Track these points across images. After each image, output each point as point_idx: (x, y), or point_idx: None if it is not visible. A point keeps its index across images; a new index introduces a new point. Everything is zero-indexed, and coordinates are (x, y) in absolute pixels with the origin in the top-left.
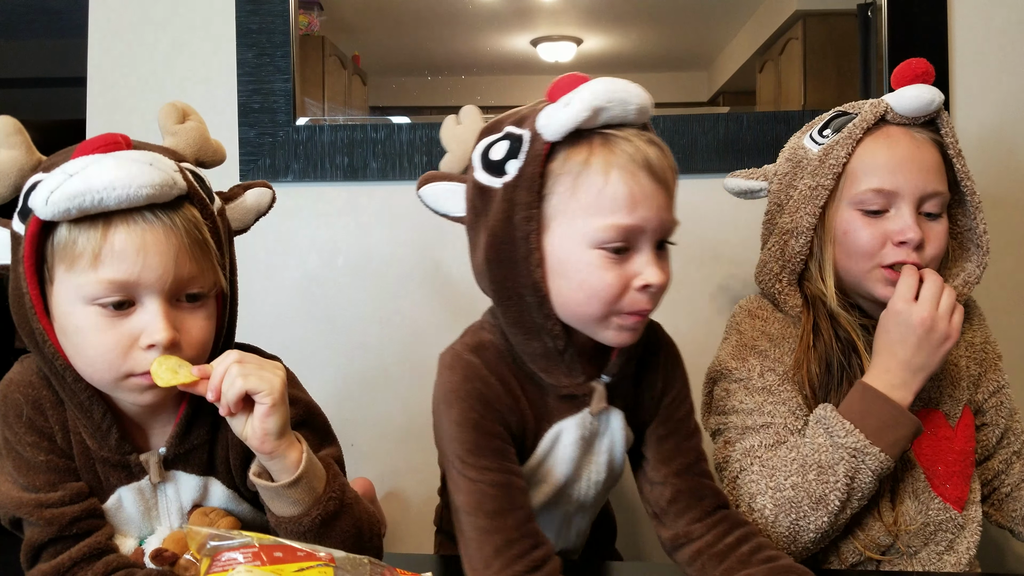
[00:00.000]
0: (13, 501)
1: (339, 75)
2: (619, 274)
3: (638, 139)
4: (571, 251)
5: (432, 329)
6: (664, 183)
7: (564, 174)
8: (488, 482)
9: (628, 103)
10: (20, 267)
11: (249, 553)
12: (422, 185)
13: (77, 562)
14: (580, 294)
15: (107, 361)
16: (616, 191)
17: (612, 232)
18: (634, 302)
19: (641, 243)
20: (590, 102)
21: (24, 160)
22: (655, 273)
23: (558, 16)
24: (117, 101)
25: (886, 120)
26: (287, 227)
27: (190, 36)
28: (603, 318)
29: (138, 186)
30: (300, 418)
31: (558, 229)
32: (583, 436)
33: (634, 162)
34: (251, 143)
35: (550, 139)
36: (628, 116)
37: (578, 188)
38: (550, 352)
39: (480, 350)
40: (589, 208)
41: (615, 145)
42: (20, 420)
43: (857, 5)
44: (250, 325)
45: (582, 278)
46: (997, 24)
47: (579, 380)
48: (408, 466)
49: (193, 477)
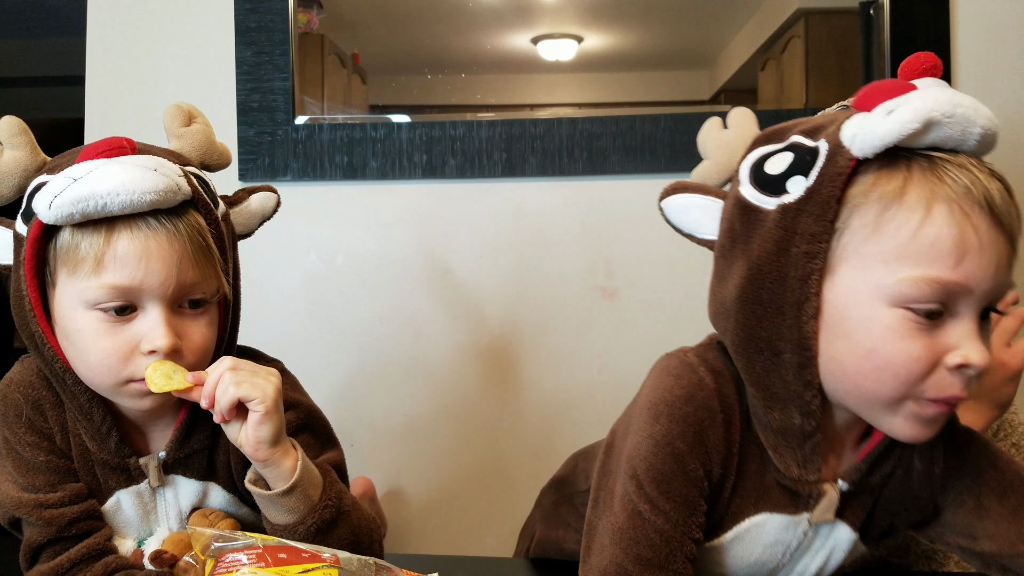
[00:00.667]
0: (13, 501)
1: (339, 73)
2: (928, 346)
3: (978, 169)
4: (862, 307)
5: (432, 329)
6: (1008, 231)
7: (867, 204)
8: (657, 528)
9: (972, 123)
10: (21, 269)
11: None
12: (669, 195)
13: (76, 563)
14: (867, 364)
15: (107, 366)
16: (939, 234)
17: (926, 288)
18: (943, 386)
19: (963, 307)
20: (924, 112)
21: (28, 161)
22: (978, 350)
23: (559, 14)
24: (116, 100)
25: None
26: (286, 226)
27: (189, 34)
28: (895, 402)
29: (142, 192)
30: (301, 422)
31: (848, 275)
32: (787, 543)
33: (970, 197)
34: (250, 142)
35: (859, 154)
36: (968, 142)
37: (883, 224)
38: (792, 431)
39: (719, 375)
40: (896, 253)
41: (945, 173)
42: (20, 420)
43: (859, 3)
44: (249, 325)
45: (873, 344)
46: (999, 22)
47: (812, 477)
48: (408, 466)
49: (192, 482)
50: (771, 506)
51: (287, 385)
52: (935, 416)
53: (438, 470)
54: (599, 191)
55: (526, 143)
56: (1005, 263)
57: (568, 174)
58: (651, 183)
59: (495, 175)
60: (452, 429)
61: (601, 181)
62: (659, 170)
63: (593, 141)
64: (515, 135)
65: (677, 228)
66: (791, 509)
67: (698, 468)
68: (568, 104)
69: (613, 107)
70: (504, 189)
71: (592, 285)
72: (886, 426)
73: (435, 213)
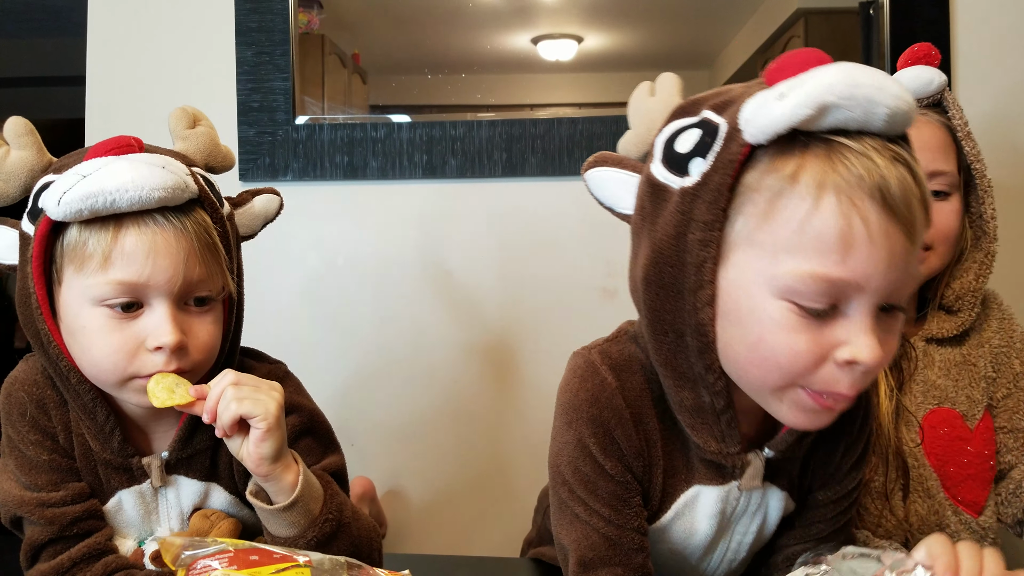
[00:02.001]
0: (15, 499)
1: (339, 73)
2: (814, 340)
3: (879, 154)
4: (752, 296)
5: (432, 328)
6: (905, 223)
7: (760, 191)
8: (595, 527)
9: (876, 103)
10: (28, 267)
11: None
12: (590, 167)
13: (77, 562)
14: (755, 353)
15: (113, 363)
16: (826, 226)
17: (812, 284)
18: (830, 381)
19: (855, 303)
20: (817, 97)
21: (35, 161)
22: (868, 347)
23: (559, 14)
24: (116, 100)
25: None
26: (286, 226)
27: (189, 35)
28: (780, 390)
29: (151, 188)
30: (304, 426)
31: (740, 263)
32: (723, 511)
33: (862, 187)
34: (250, 142)
35: (752, 140)
36: (873, 123)
37: (775, 213)
38: (704, 409)
39: (622, 370)
40: (785, 244)
41: (840, 159)
42: (24, 419)
43: (859, 3)
44: (250, 325)
45: (760, 334)
46: (998, 21)
47: (733, 450)
48: (408, 465)
49: (194, 482)
50: (701, 479)
51: (290, 388)
52: (820, 408)
53: (438, 470)
54: None
55: (526, 143)
56: (901, 257)
57: (568, 174)
58: None
59: (495, 175)
60: (452, 429)
61: None
62: None
63: (593, 141)
64: (515, 135)
65: (600, 201)
66: (719, 480)
67: (616, 465)
68: (568, 104)
69: (613, 107)
70: (504, 189)
71: (592, 285)
72: (774, 411)
73: (435, 213)
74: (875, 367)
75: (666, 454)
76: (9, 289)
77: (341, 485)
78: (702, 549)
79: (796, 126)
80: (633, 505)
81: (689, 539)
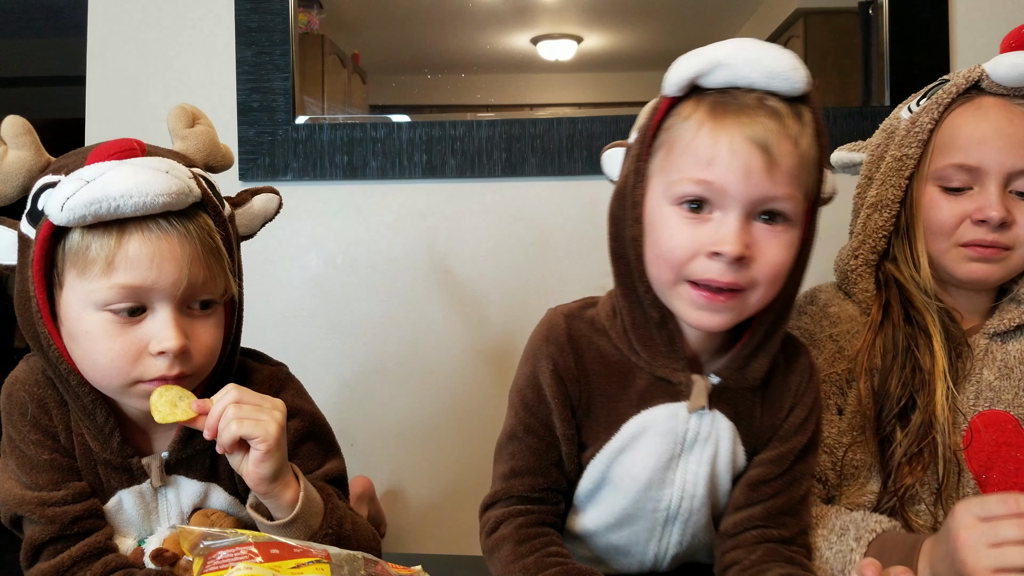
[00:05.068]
0: (16, 498)
1: (339, 73)
2: (691, 236)
3: (753, 103)
4: (657, 207)
5: (432, 327)
6: (765, 149)
7: (668, 131)
8: (530, 445)
9: (759, 64)
10: (29, 271)
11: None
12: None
13: (77, 561)
14: (654, 254)
15: (117, 367)
16: (701, 145)
17: (689, 186)
18: (702, 270)
19: (724, 206)
20: (709, 54)
21: (33, 161)
22: (733, 241)
23: (558, 14)
24: (116, 100)
25: (981, 89)
26: (286, 226)
27: (189, 35)
28: (671, 284)
29: (155, 194)
30: (305, 431)
31: (655, 186)
32: (674, 430)
33: (731, 121)
34: (250, 142)
35: (666, 93)
36: (757, 81)
37: (672, 142)
38: (648, 323)
39: (575, 317)
40: (675, 163)
41: (720, 103)
42: (25, 418)
43: (858, 3)
44: (250, 325)
45: (658, 236)
46: (998, 21)
47: (677, 365)
48: (408, 465)
49: (194, 482)
50: (652, 401)
51: (292, 392)
52: (703, 302)
53: (438, 470)
54: (599, 191)
55: (526, 143)
56: (764, 174)
57: (568, 174)
58: None
59: (495, 175)
60: (452, 429)
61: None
62: None
63: (593, 141)
64: (515, 135)
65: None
66: (669, 399)
67: (557, 393)
68: (568, 104)
69: (613, 107)
70: (504, 189)
71: (592, 285)
72: (678, 312)
73: (435, 213)
74: (736, 258)
75: (609, 384)
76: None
77: (341, 490)
78: (660, 475)
79: (693, 78)
80: (567, 427)
81: (646, 461)
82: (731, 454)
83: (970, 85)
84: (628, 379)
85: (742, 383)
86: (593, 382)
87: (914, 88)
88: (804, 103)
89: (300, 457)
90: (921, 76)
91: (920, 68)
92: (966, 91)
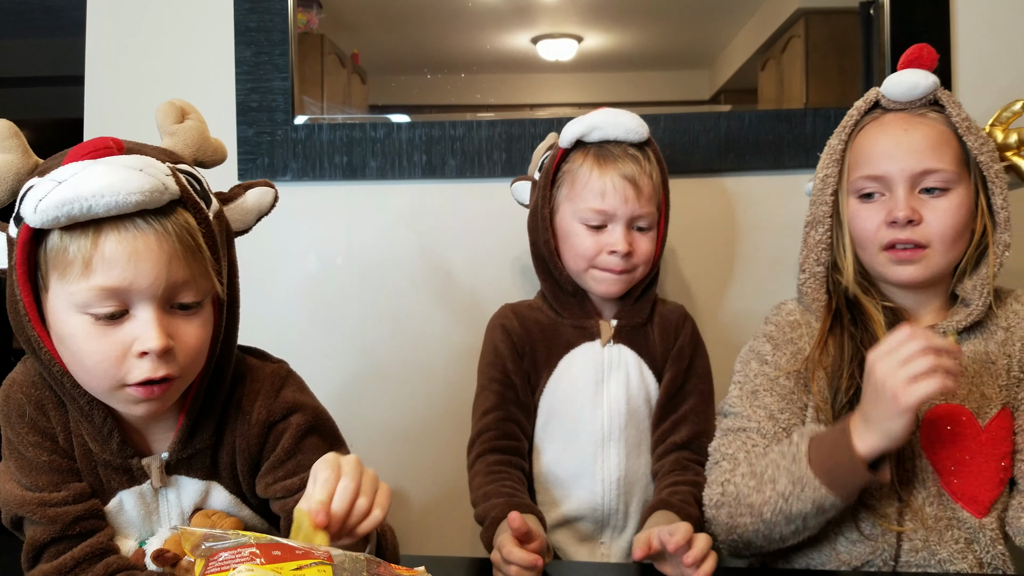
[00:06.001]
0: (16, 500)
1: (338, 73)
2: (596, 241)
3: (620, 152)
4: (569, 224)
5: (432, 328)
6: (633, 183)
7: (568, 172)
8: (494, 391)
9: (618, 125)
10: (13, 274)
11: (247, 552)
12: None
13: (79, 562)
14: (571, 252)
15: (102, 370)
16: (595, 184)
17: (589, 214)
18: (604, 262)
19: (614, 222)
20: (589, 121)
21: (20, 164)
22: (621, 243)
23: (559, 14)
24: (115, 100)
25: (882, 106)
26: (286, 227)
27: (188, 34)
28: (584, 271)
29: (127, 193)
30: (310, 424)
31: (568, 210)
32: (595, 360)
33: (587, 166)
34: (249, 142)
35: (561, 146)
36: (619, 135)
37: (574, 182)
38: (566, 293)
39: (517, 304)
40: (578, 196)
41: (601, 154)
42: (23, 420)
43: (859, 3)
44: (250, 325)
45: (573, 241)
46: (999, 21)
47: (590, 318)
48: (408, 466)
49: (195, 481)
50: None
51: (293, 387)
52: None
53: (438, 471)
54: None
55: (526, 143)
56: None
57: None
58: None
59: (495, 175)
60: (452, 429)
61: None
62: None
63: None
64: (515, 135)
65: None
66: (586, 339)
67: (508, 347)
68: (568, 104)
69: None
70: (504, 189)
71: None
72: (589, 285)
73: (435, 213)
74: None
75: (545, 336)
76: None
77: None
78: (590, 398)
79: (578, 138)
80: (516, 371)
81: (578, 385)
82: (640, 378)
83: (870, 106)
84: (558, 332)
85: (634, 321)
86: (534, 337)
87: None
88: (648, 146)
89: (304, 451)
90: None
91: None
92: (871, 110)
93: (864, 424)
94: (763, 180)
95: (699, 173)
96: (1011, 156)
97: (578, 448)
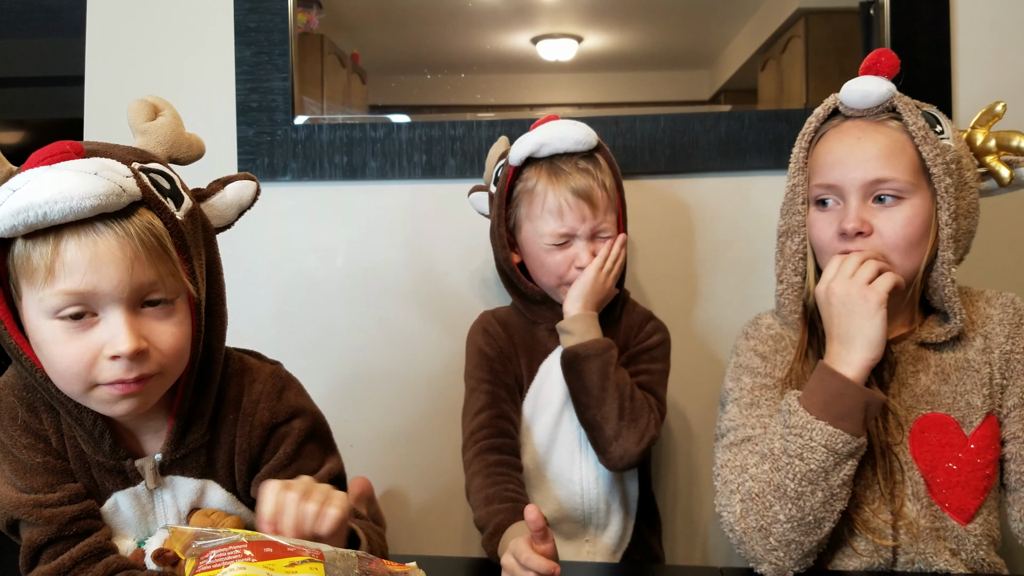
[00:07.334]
0: (11, 502)
1: (338, 73)
2: (564, 256)
3: (572, 167)
4: (534, 243)
5: (431, 329)
6: (588, 198)
7: (522, 191)
8: (483, 391)
9: (566, 138)
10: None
11: (238, 550)
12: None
13: (78, 562)
14: (540, 269)
15: (74, 373)
16: (552, 204)
17: (551, 237)
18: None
19: (576, 236)
20: (536, 138)
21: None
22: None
23: (559, 14)
24: (115, 100)
25: (841, 114)
26: (285, 227)
27: (188, 34)
28: (556, 285)
29: (80, 198)
30: (310, 430)
31: (530, 230)
32: None
33: (563, 184)
34: (249, 142)
35: (512, 164)
36: (568, 148)
37: (532, 201)
38: (535, 302)
39: (497, 311)
40: (537, 215)
41: (553, 170)
42: (15, 423)
43: (859, 3)
44: (249, 325)
45: (542, 259)
46: (999, 21)
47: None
48: (406, 466)
49: (190, 480)
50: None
51: (294, 390)
52: None
53: (437, 470)
54: None
55: None
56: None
57: None
58: (650, 183)
59: None
60: (450, 429)
61: None
62: (659, 170)
63: None
64: (515, 135)
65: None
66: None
67: (492, 348)
68: (568, 104)
69: (613, 107)
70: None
71: None
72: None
73: (434, 214)
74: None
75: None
76: None
77: (340, 488)
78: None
79: (528, 156)
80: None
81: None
82: None
83: (829, 112)
84: (535, 337)
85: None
86: (516, 342)
87: (915, 88)
88: (598, 152)
89: (303, 457)
90: (922, 76)
91: (921, 68)
92: (830, 117)
93: (842, 346)
94: (763, 180)
95: (699, 173)
96: (990, 161)
97: (558, 450)
